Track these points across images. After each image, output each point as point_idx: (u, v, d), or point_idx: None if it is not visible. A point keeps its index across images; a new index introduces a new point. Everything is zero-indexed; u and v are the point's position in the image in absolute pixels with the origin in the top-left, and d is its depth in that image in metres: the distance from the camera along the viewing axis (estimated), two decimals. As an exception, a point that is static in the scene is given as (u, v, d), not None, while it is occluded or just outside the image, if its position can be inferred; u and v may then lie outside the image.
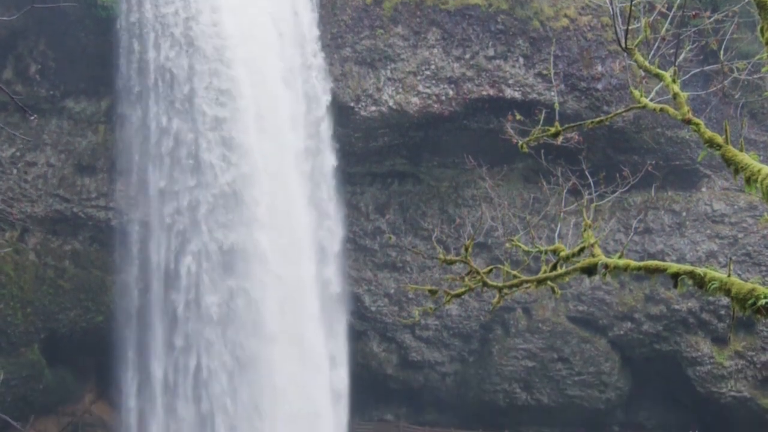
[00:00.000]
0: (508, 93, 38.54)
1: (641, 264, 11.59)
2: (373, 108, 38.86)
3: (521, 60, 38.72)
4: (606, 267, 11.94)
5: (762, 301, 9.06)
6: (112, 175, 39.15)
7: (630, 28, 11.77)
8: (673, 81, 12.01)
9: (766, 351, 40.22)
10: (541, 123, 13.43)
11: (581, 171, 15.31)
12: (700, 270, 10.44)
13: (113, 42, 36.01)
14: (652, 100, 12.67)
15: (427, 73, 38.70)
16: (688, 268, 10.65)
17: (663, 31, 12.91)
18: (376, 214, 42.82)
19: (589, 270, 12.39)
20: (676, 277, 10.73)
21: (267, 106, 36.69)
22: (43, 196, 38.59)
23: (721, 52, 12.69)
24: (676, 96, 11.94)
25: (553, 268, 13.28)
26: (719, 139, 10.86)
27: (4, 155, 37.60)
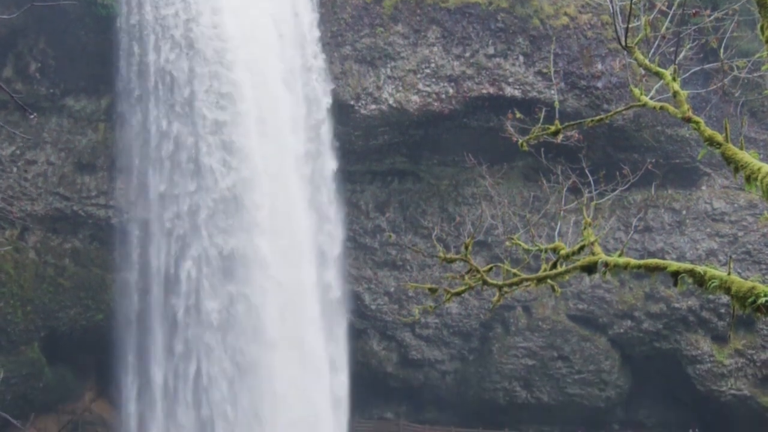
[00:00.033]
0: (508, 91, 38.53)
1: (641, 262, 11.59)
2: (373, 106, 38.85)
3: (521, 58, 38.71)
4: (606, 265, 11.93)
5: (762, 300, 9.05)
6: (112, 173, 39.12)
7: (630, 26, 11.77)
8: (673, 79, 12.00)
9: (766, 349, 40.23)
10: (541, 121, 13.43)
11: (581, 169, 15.31)
12: (700, 268, 10.44)
13: (113, 42, 35.98)
14: (652, 99, 12.67)
15: (427, 71, 38.68)
16: (688, 266, 10.65)
17: (663, 30, 12.91)
18: (376, 212, 42.81)
19: (589, 268, 12.39)
20: (676, 275, 10.73)
21: (268, 109, 36.52)
22: (43, 195, 38.56)
23: (721, 51, 12.68)
24: (676, 94, 11.93)
25: (553, 266, 13.27)
26: (719, 137, 10.86)
27: (4, 153, 37.55)
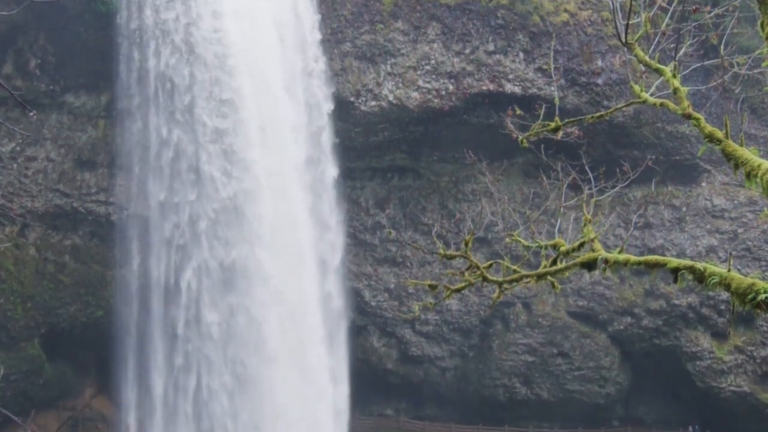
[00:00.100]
0: (508, 88, 38.53)
1: (641, 259, 11.58)
2: (373, 103, 38.83)
3: (521, 55, 38.69)
4: (606, 262, 11.92)
5: (762, 296, 9.05)
6: (112, 170, 39.12)
7: (630, 22, 11.75)
8: (674, 76, 11.98)
9: (765, 346, 40.28)
10: (541, 118, 13.41)
11: (581, 166, 15.30)
12: (700, 265, 10.43)
13: (113, 42, 35.85)
14: (652, 95, 12.65)
15: (427, 67, 38.66)
16: (688, 263, 10.64)
17: (663, 26, 12.89)
18: (376, 208, 42.81)
19: (589, 265, 12.38)
20: (676, 272, 10.72)
21: (269, 117, 36.08)
22: (43, 191, 38.54)
23: (722, 47, 12.66)
24: (676, 91, 11.91)
25: (553, 263, 13.26)
26: (719, 134, 10.84)
27: (4, 150, 37.53)
